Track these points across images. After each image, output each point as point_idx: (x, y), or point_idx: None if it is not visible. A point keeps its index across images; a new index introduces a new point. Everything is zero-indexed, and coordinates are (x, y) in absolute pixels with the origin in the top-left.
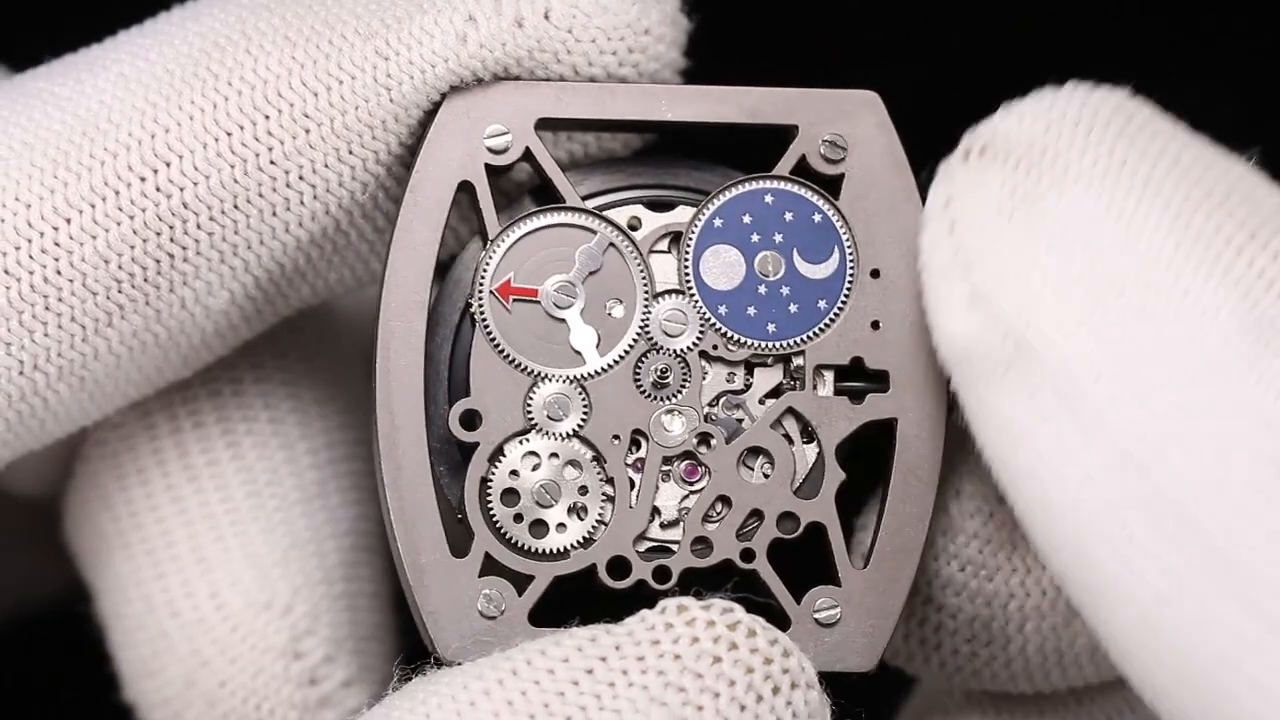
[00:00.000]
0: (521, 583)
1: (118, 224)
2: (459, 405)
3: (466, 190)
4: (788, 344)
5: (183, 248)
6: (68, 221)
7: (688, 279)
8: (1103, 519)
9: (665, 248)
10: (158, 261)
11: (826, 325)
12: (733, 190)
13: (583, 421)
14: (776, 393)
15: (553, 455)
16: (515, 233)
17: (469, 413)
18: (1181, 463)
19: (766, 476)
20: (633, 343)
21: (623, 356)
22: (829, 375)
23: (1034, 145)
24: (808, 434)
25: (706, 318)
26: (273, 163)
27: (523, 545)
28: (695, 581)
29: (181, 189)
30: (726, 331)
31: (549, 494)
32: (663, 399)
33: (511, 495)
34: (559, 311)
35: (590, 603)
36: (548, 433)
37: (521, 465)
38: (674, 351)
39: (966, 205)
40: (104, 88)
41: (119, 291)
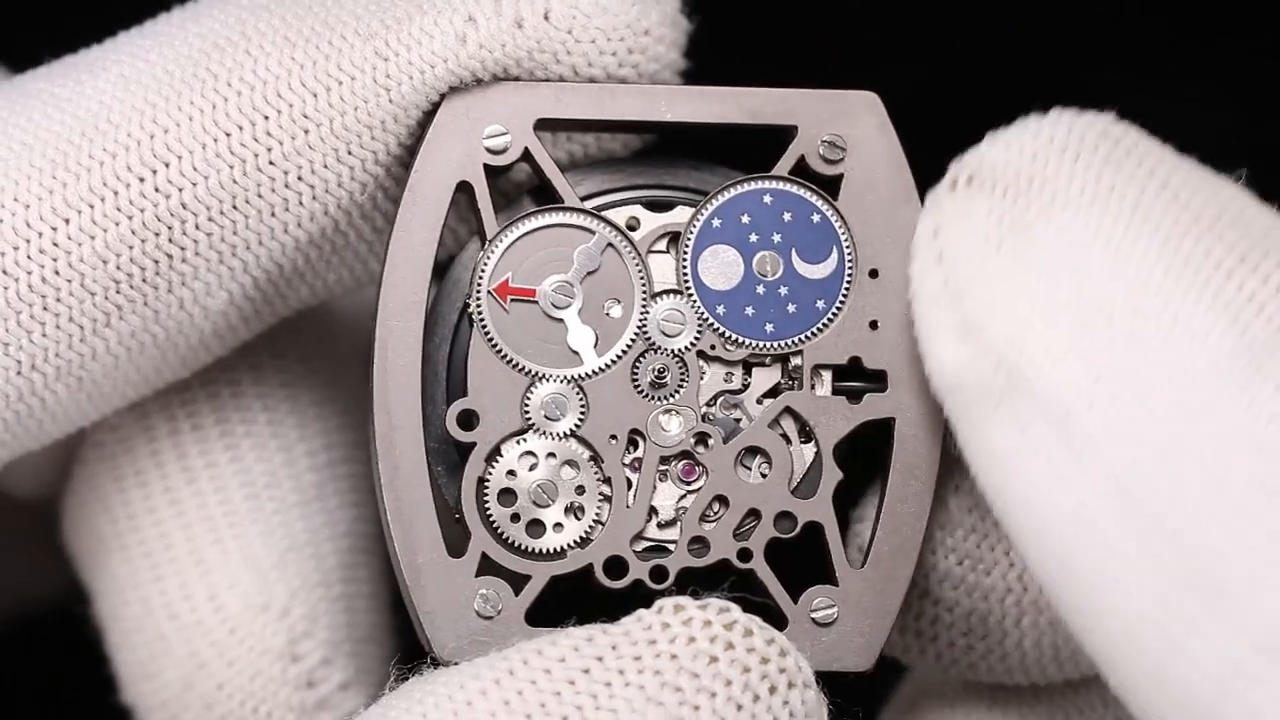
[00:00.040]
0: (518, 582)
1: (116, 224)
2: (456, 405)
3: (465, 190)
4: (786, 344)
5: (181, 248)
6: (66, 222)
7: (686, 279)
8: (1096, 547)
9: (664, 248)
10: (156, 262)
11: (825, 325)
12: (731, 190)
13: (580, 421)
14: (774, 392)
15: (550, 455)
16: (514, 233)
17: (466, 413)
18: (1173, 490)
19: (764, 476)
20: (630, 342)
21: (620, 356)
22: (827, 375)
23: (1021, 173)
24: (805, 434)
25: (704, 318)
26: (272, 163)
27: (519, 545)
28: (692, 581)
29: (180, 189)
30: (724, 331)
31: (546, 494)
32: (660, 399)
33: (508, 495)
34: (557, 311)
35: (587, 602)
36: (545, 432)
37: (519, 465)
38: (672, 351)
39: (955, 235)
40: (104, 88)
41: (117, 292)
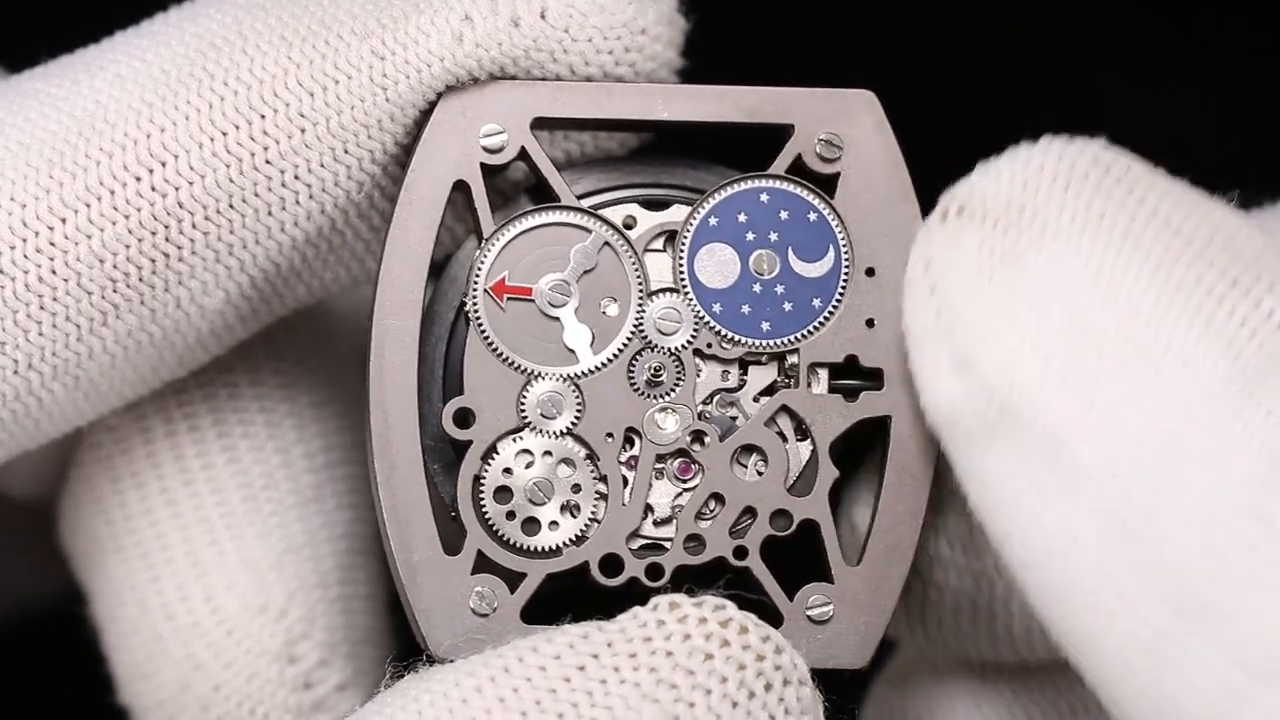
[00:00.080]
0: (514, 580)
1: (113, 223)
2: (452, 403)
3: (462, 189)
4: (782, 342)
5: (178, 247)
6: (63, 221)
7: (682, 277)
8: (1089, 573)
9: (660, 246)
10: (153, 261)
11: (821, 323)
12: (728, 189)
13: (576, 419)
14: (771, 390)
15: (546, 453)
16: (510, 231)
17: (462, 411)
18: (1166, 516)
19: (760, 474)
20: (627, 341)
21: (617, 354)
22: (823, 373)
23: (1011, 203)
24: (802, 432)
25: (701, 316)
26: (268, 162)
27: (515, 543)
28: (688, 579)
29: (177, 188)
30: (721, 330)
31: (542, 492)
32: (656, 397)
33: (504, 493)
34: (553, 310)
35: (582, 600)
36: (541, 431)
37: (515, 463)
38: (668, 350)
39: (946, 267)
40: (100, 88)
41: (114, 290)
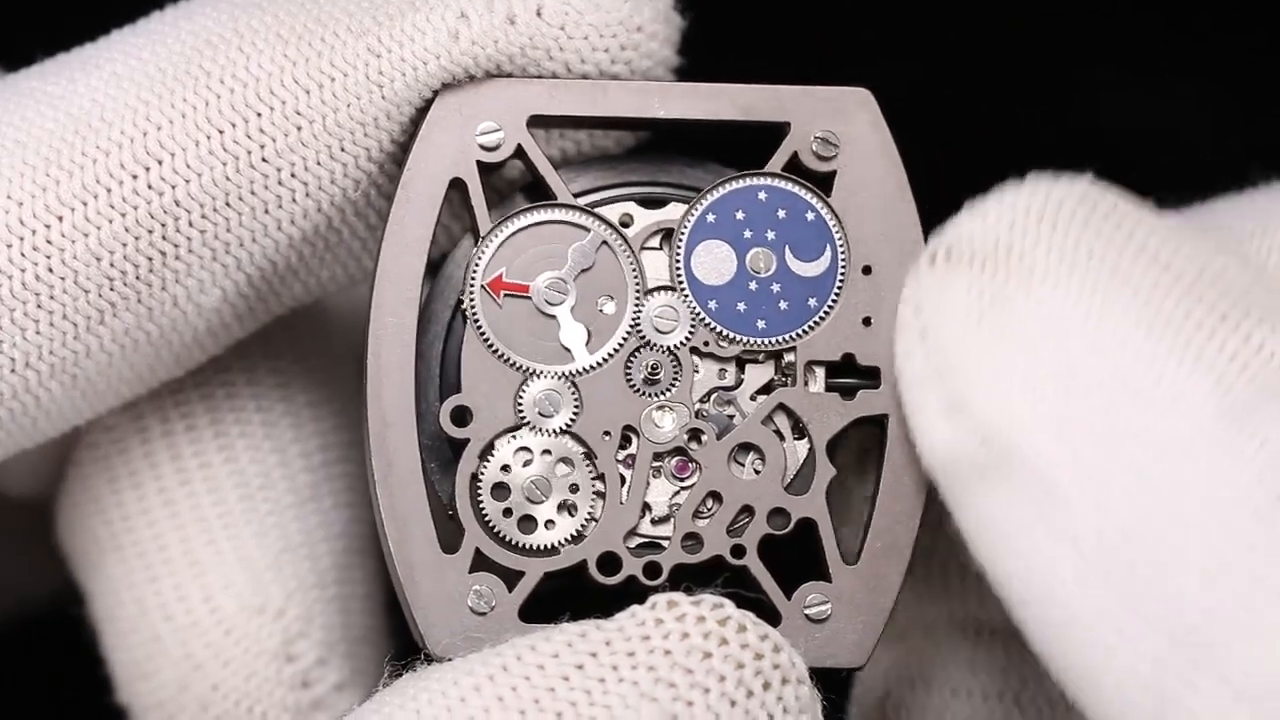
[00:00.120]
0: (512, 579)
1: (109, 221)
2: (450, 401)
3: (458, 187)
4: (779, 340)
5: (174, 245)
6: (59, 219)
7: (679, 275)
8: (1087, 611)
9: (657, 244)
10: (149, 259)
11: (818, 321)
12: (725, 187)
13: (573, 418)
14: (768, 389)
15: (544, 451)
16: (507, 229)
17: (460, 409)
18: (1161, 551)
19: (757, 472)
20: (624, 339)
21: (614, 353)
22: (820, 371)
23: (999, 245)
24: (799, 430)
25: (697, 314)
26: (264, 160)
27: (513, 541)
28: (685, 577)
29: (173, 186)
30: (717, 328)
31: (539, 490)
32: (654, 395)
33: (502, 491)
34: (550, 308)
35: (580, 599)
36: (538, 429)
37: (512, 461)
38: (665, 348)
39: (935, 311)
40: (96, 86)
41: (110, 289)
